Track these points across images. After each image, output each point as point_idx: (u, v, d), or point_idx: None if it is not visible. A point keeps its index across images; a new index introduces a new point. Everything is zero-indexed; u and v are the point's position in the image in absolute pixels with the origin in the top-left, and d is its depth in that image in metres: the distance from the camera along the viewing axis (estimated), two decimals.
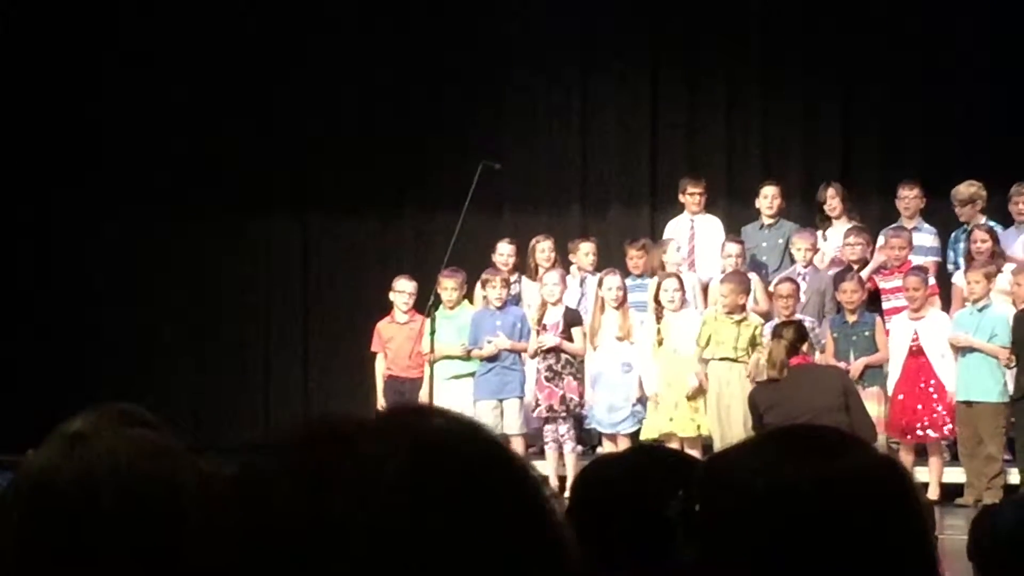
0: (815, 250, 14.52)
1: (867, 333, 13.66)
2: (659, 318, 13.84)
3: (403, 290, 14.67)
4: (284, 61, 16.32)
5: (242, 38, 16.24)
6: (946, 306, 14.09)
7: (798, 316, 13.45)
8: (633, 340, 14.06)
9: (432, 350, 14.00)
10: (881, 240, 14.59)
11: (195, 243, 16.35)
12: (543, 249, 14.87)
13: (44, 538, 1.90)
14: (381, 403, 14.33)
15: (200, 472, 1.94)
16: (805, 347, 11.90)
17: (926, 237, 14.72)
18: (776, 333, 11.92)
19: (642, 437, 13.72)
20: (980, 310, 13.52)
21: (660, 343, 13.78)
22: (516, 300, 14.73)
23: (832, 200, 15.00)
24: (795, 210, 15.50)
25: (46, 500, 1.92)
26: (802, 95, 16.42)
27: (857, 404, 11.38)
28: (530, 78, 16.36)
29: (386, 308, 14.83)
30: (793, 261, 14.63)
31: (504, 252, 14.81)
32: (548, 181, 16.56)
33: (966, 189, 14.52)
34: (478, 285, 14.61)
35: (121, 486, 1.89)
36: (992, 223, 14.46)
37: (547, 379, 14.13)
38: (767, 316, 13.88)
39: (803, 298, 13.93)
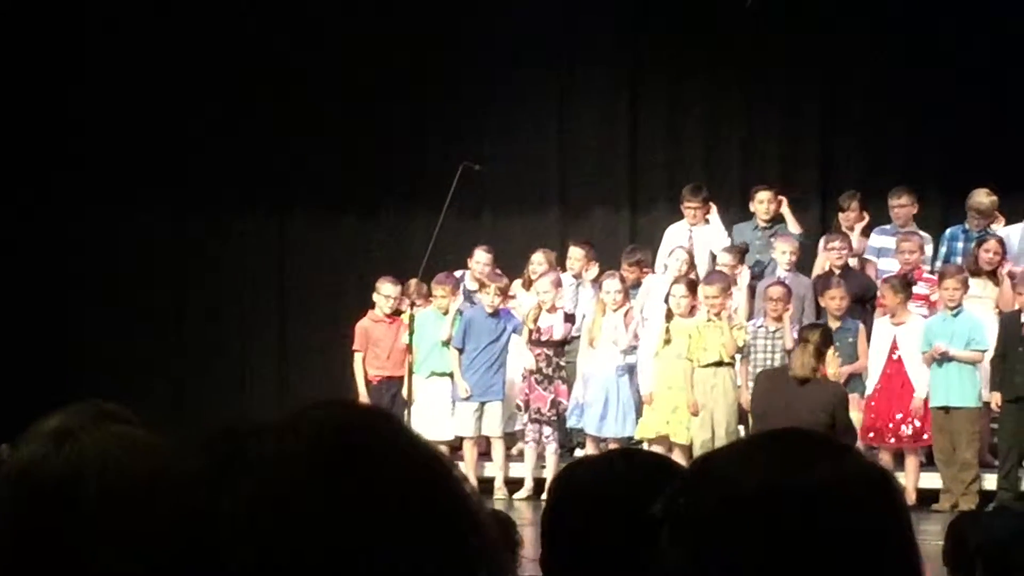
0: (797, 254, 14.50)
1: (850, 340, 13.62)
2: (668, 318, 13.80)
3: (388, 294, 14.67)
4: (264, 61, 16.29)
5: (227, 38, 16.22)
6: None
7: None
8: (623, 347, 14.01)
9: (410, 351, 14.00)
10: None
11: (174, 242, 16.34)
12: (536, 261, 14.78)
13: (31, 534, 1.89)
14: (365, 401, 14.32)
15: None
16: (831, 352, 11.79)
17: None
18: (802, 337, 11.75)
19: (637, 436, 13.76)
20: (955, 316, 13.51)
21: (668, 342, 13.72)
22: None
23: (851, 213, 14.90)
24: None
25: (33, 496, 1.91)
26: (784, 97, 16.46)
27: (843, 419, 11.32)
28: (510, 79, 16.35)
29: (364, 308, 14.83)
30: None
31: (481, 260, 14.76)
32: (528, 183, 16.56)
33: (987, 199, 14.39)
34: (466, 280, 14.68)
35: (110, 482, 1.89)
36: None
37: (537, 382, 14.12)
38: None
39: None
